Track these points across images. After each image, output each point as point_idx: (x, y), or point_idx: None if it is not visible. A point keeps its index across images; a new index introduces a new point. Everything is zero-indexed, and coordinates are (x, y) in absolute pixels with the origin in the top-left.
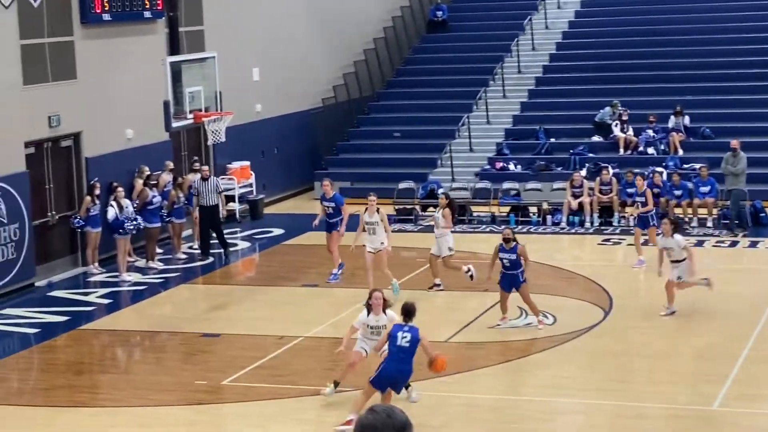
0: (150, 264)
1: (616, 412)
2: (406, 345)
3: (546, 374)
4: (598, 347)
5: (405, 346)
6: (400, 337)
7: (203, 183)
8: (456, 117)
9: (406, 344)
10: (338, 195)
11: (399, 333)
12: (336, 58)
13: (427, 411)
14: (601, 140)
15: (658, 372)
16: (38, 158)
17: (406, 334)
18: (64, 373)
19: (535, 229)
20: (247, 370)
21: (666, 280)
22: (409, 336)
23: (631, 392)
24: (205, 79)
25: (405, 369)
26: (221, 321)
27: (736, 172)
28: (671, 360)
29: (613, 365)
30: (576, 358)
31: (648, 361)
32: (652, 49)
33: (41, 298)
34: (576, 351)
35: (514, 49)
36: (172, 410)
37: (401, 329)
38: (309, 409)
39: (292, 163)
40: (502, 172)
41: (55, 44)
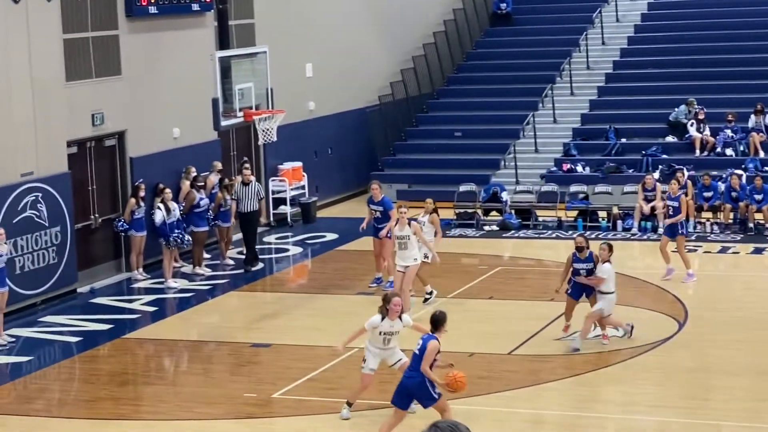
0: (197, 270)
1: (692, 430)
2: (416, 353)
3: (616, 390)
4: (672, 362)
5: (415, 353)
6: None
7: (244, 188)
8: (521, 116)
9: (416, 351)
10: (387, 198)
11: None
12: (393, 53)
13: (491, 427)
14: (676, 141)
15: (736, 389)
16: (81, 158)
17: (419, 341)
18: (106, 384)
19: (605, 235)
20: (299, 383)
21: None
22: (420, 343)
23: (708, 410)
24: (255, 76)
25: (415, 378)
26: (271, 330)
27: None
28: (751, 377)
29: (688, 381)
30: (649, 373)
31: (726, 378)
32: (731, 44)
33: (83, 305)
34: (649, 365)
35: (583, 43)
36: (219, 424)
37: (422, 337)
38: (362, 425)
39: (347, 164)
40: (570, 174)
41: (100, 39)
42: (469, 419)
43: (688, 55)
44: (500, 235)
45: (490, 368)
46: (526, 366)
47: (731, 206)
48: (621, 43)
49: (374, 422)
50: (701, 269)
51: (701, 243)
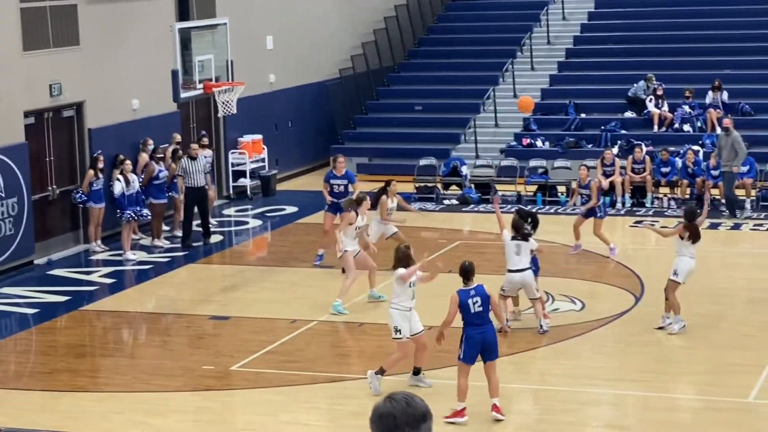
0: (155, 242)
1: (646, 403)
2: (479, 309)
3: (573, 363)
4: (628, 335)
5: (479, 310)
6: (471, 303)
7: (191, 162)
8: (481, 90)
9: (479, 309)
10: (350, 172)
11: (469, 300)
12: (354, 27)
13: (446, 400)
14: (635, 116)
15: (691, 362)
16: (38, 129)
17: (476, 298)
18: (64, 356)
19: (564, 210)
20: (257, 356)
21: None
22: (480, 299)
23: (663, 383)
24: (215, 47)
25: (487, 331)
26: (230, 303)
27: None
28: (705, 350)
29: (644, 354)
30: (605, 346)
31: (681, 351)
32: (690, 20)
33: (40, 276)
34: (605, 339)
35: (544, 18)
36: (177, 396)
37: (468, 295)
38: (321, 397)
39: (307, 138)
40: (529, 148)
41: (57, 8)
42: (428, 392)
43: (647, 31)
44: (460, 209)
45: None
46: None
47: (688, 182)
48: (581, 18)
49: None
50: (659, 244)
51: (659, 218)
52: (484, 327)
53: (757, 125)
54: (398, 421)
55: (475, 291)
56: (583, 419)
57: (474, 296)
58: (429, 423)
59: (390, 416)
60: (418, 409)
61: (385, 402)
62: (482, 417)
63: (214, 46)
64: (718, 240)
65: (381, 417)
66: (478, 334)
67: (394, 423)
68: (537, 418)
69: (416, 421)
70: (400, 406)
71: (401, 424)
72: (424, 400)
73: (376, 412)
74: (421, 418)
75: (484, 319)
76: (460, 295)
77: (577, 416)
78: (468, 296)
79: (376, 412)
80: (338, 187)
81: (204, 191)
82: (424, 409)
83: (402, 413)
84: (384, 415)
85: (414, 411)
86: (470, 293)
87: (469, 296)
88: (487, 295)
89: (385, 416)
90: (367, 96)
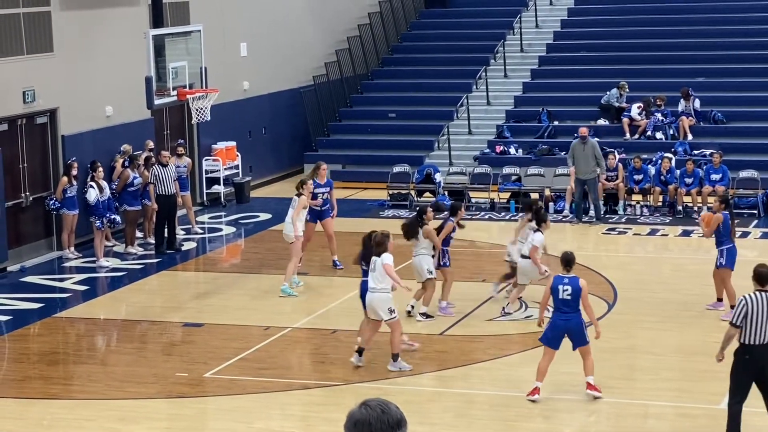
0: (129, 249)
1: (619, 410)
2: (567, 297)
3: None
4: (601, 342)
5: (567, 298)
6: (561, 290)
7: (163, 170)
8: (454, 97)
9: (568, 296)
10: (329, 179)
11: (560, 286)
12: (328, 33)
13: (421, 407)
14: (607, 124)
15: (664, 369)
16: (11, 136)
17: (567, 287)
18: (36, 364)
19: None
20: (231, 362)
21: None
22: (570, 288)
23: (635, 390)
24: (189, 54)
25: (574, 321)
26: (204, 310)
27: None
28: (678, 357)
29: (617, 362)
30: (578, 353)
31: (654, 358)
32: (662, 28)
33: (13, 283)
34: None
35: (517, 26)
36: (151, 403)
37: (561, 282)
38: (295, 404)
39: (281, 144)
40: (503, 156)
41: (31, 15)
42: (401, 399)
43: (620, 39)
44: (433, 217)
45: (422, 348)
46: (457, 346)
47: (661, 189)
48: (554, 26)
49: (316, 401)
50: (631, 251)
51: (631, 225)
52: (570, 315)
53: (729, 133)
54: (373, 427)
55: (569, 280)
56: (556, 426)
57: (566, 284)
58: (404, 430)
59: (365, 423)
60: (392, 416)
61: (360, 409)
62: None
63: (187, 53)
64: (690, 246)
65: (356, 424)
66: (562, 320)
67: (369, 429)
68: (509, 424)
69: (391, 428)
70: (375, 413)
71: (376, 431)
72: (399, 407)
73: (351, 419)
74: (395, 425)
75: (572, 307)
76: (554, 279)
77: (550, 423)
78: (561, 282)
79: (351, 419)
80: (322, 195)
81: (174, 198)
82: (399, 416)
83: (377, 420)
84: (359, 422)
85: (389, 418)
86: (564, 281)
87: (561, 282)
88: (578, 288)
89: (360, 423)
90: (341, 103)
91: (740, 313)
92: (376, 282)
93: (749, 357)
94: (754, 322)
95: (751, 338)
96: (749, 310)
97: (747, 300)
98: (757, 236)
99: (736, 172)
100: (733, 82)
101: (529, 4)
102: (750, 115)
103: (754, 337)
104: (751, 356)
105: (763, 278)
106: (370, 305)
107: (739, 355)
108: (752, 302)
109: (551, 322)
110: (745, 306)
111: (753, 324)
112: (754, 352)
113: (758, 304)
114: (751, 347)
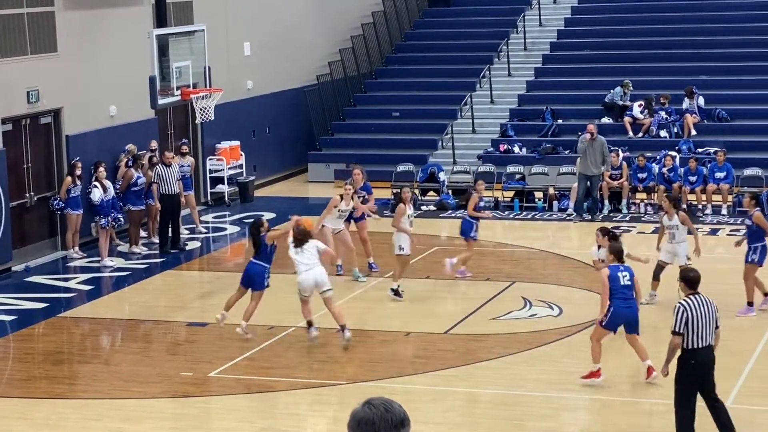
0: (133, 249)
1: (624, 408)
2: (628, 283)
3: (551, 368)
4: (606, 341)
5: (628, 284)
6: (621, 276)
7: (166, 169)
8: (458, 96)
9: (628, 282)
10: (368, 183)
11: (618, 273)
12: (332, 33)
13: (426, 405)
14: (611, 122)
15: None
16: (16, 136)
17: (625, 273)
18: (41, 363)
19: (541, 216)
20: (236, 362)
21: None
22: (628, 274)
23: (640, 388)
24: (193, 54)
25: (633, 306)
26: (208, 309)
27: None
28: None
29: (621, 360)
30: (582, 351)
31: (658, 356)
32: (666, 26)
33: (18, 283)
34: (583, 344)
35: (520, 24)
36: (156, 403)
37: (618, 269)
38: (300, 404)
39: (285, 144)
40: (507, 154)
41: (35, 15)
42: (405, 398)
43: (623, 37)
44: (437, 215)
45: (427, 347)
46: (461, 345)
47: (665, 187)
48: (558, 24)
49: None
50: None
51: (635, 223)
52: (631, 301)
53: (733, 131)
54: (377, 426)
55: (624, 267)
56: (561, 425)
57: (623, 271)
58: (407, 429)
59: (369, 422)
60: (396, 414)
61: (364, 407)
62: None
63: (191, 52)
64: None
65: (360, 422)
66: (625, 307)
67: (373, 429)
68: (514, 423)
69: (394, 427)
70: (379, 411)
71: (380, 430)
72: (402, 406)
73: (355, 418)
74: (399, 423)
75: (631, 296)
76: (610, 269)
77: (554, 422)
78: (618, 270)
79: (354, 418)
80: (359, 198)
81: (178, 198)
82: (402, 414)
83: (380, 419)
84: (362, 421)
85: (392, 417)
86: (620, 268)
87: (618, 270)
88: (633, 273)
89: (364, 422)
90: (345, 102)
91: (681, 321)
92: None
93: (695, 361)
94: (694, 327)
95: (694, 343)
96: (689, 316)
97: (685, 306)
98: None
99: (740, 170)
100: (737, 80)
101: (532, 3)
102: (754, 112)
103: (697, 340)
104: (697, 360)
105: (692, 282)
106: (314, 279)
107: (684, 361)
108: (690, 307)
109: (614, 310)
110: (685, 312)
111: (694, 328)
112: (698, 355)
113: (696, 308)
114: (696, 351)
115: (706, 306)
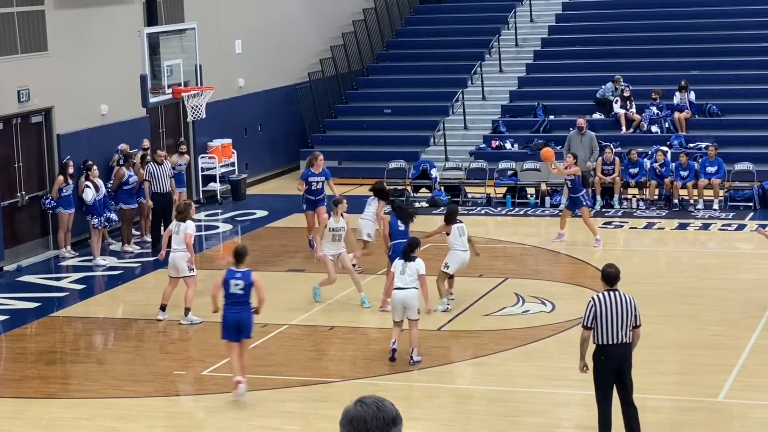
0: (125, 247)
1: (617, 404)
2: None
3: (544, 364)
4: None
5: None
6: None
7: (158, 168)
8: (450, 93)
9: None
10: (326, 169)
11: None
12: (323, 30)
13: (418, 402)
14: (603, 118)
15: (661, 362)
16: (6, 135)
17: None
18: (34, 363)
19: (533, 212)
20: (229, 360)
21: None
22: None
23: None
24: (184, 52)
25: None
26: (201, 308)
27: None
28: (675, 350)
29: None
30: (574, 347)
31: (651, 351)
32: (657, 22)
33: (10, 283)
34: (575, 340)
35: (511, 21)
36: (149, 402)
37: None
38: (294, 401)
39: (277, 141)
40: (498, 151)
41: (25, 14)
42: (398, 395)
43: (614, 33)
44: (430, 212)
45: (420, 344)
46: (455, 342)
47: (656, 182)
48: (549, 20)
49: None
50: (627, 245)
51: (627, 219)
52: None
53: (724, 126)
54: (369, 424)
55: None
56: (554, 420)
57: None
58: (399, 427)
59: (360, 420)
60: (388, 413)
61: (356, 405)
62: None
63: (182, 50)
64: (687, 240)
65: (351, 420)
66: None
67: (365, 427)
68: (508, 419)
69: (386, 425)
70: (371, 410)
71: (372, 428)
72: (394, 404)
73: (347, 416)
74: (391, 422)
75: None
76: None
77: (547, 417)
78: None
79: (346, 416)
80: (316, 184)
81: (170, 197)
82: (394, 413)
83: (372, 417)
84: (354, 419)
85: (384, 415)
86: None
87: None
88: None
89: (356, 420)
90: (337, 99)
91: (590, 315)
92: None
93: (605, 357)
94: (604, 322)
95: (604, 338)
96: (598, 310)
97: (595, 300)
98: (753, 228)
99: (731, 165)
100: (728, 75)
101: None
102: (745, 107)
103: (608, 336)
104: (607, 356)
105: (611, 278)
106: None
107: (596, 356)
108: (601, 302)
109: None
110: (594, 307)
111: (604, 324)
112: (609, 351)
113: (607, 303)
114: (606, 347)
115: (622, 303)
